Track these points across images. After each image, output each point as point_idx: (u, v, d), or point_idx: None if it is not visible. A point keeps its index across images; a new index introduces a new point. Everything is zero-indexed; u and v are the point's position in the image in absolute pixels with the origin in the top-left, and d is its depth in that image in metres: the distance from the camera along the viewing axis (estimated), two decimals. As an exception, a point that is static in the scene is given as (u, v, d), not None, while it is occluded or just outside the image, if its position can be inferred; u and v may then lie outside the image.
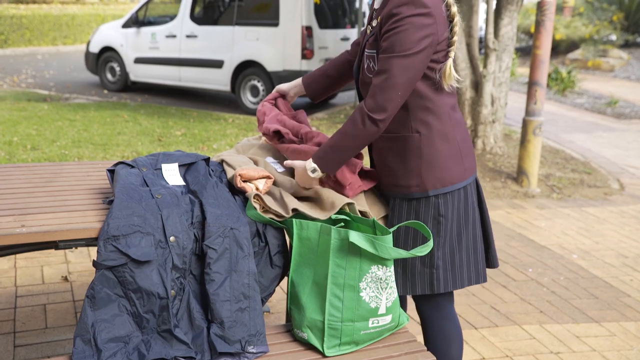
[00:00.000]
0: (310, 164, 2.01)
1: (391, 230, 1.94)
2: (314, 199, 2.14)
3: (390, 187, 2.11)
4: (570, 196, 5.54)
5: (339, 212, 2.07)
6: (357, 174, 2.16)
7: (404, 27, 1.84)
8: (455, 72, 1.98)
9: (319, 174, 2.01)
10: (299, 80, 2.40)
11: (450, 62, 1.97)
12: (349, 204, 2.08)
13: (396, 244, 2.09)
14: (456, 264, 2.09)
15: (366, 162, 5.16)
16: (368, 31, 2.04)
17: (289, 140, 2.30)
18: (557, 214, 5.05)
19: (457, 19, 1.94)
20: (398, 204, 2.10)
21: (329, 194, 2.10)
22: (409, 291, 2.09)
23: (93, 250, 3.72)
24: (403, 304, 2.28)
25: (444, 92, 2.00)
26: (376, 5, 2.03)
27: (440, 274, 2.06)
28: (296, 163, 2.08)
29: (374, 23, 1.99)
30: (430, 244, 1.91)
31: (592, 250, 4.32)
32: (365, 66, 2.02)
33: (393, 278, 1.98)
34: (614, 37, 15.73)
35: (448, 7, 1.93)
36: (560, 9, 17.14)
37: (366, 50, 2.01)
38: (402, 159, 2.04)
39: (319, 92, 2.38)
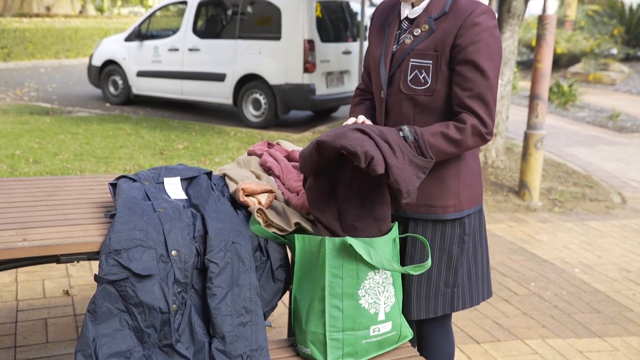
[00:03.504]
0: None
1: (391, 236, 1.93)
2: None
3: (421, 207, 2.00)
4: (572, 210, 5.53)
5: None
6: None
7: (488, 38, 1.86)
8: None
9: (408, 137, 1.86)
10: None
11: None
12: None
13: (410, 261, 2.06)
14: (473, 280, 2.08)
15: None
16: (408, 40, 1.94)
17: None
18: (559, 228, 5.04)
19: None
20: (422, 226, 2.02)
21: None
22: (431, 313, 2.06)
23: (94, 264, 3.71)
24: (410, 322, 2.24)
25: None
26: (410, 15, 1.96)
27: (460, 292, 2.06)
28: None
29: (417, 32, 1.93)
30: (427, 264, 1.90)
31: (595, 265, 4.30)
32: (411, 77, 1.92)
33: (390, 281, 1.97)
34: (614, 51, 15.77)
35: None
36: (561, 23, 17.20)
37: (413, 59, 1.92)
38: (440, 179, 1.97)
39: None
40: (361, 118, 1.98)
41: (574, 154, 7.76)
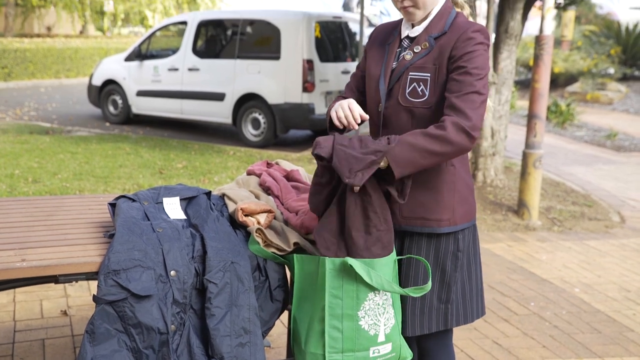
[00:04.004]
0: (383, 158, 1.85)
1: (392, 257, 1.94)
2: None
3: (414, 220, 2.02)
4: (571, 229, 5.53)
5: None
6: None
7: (480, 51, 1.93)
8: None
9: (384, 164, 1.86)
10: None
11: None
12: None
13: (409, 279, 2.06)
14: (467, 297, 2.09)
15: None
16: (408, 57, 2.00)
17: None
18: (558, 247, 5.03)
19: None
20: (416, 241, 2.05)
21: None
22: (425, 329, 2.06)
23: (93, 284, 3.70)
24: (410, 342, 2.23)
25: None
26: (411, 34, 2.04)
27: (454, 309, 2.06)
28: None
29: (417, 49, 2.00)
30: (427, 287, 1.91)
31: (594, 284, 4.29)
32: (410, 89, 1.98)
33: (390, 302, 1.97)
34: (612, 71, 15.86)
35: None
36: (558, 43, 17.32)
37: (412, 73, 1.98)
38: (436, 193, 2.00)
39: None
40: (351, 102, 2.02)
41: (572, 173, 7.77)
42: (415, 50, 2.00)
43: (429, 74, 1.95)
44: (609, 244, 5.18)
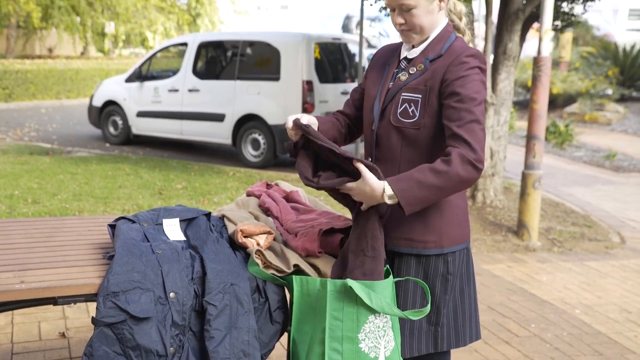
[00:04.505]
0: (388, 189, 1.85)
1: (391, 280, 1.93)
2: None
3: (401, 240, 2.04)
4: (571, 250, 5.52)
5: None
6: (340, 230, 2.16)
7: (474, 76, 1.92)
8: None
9: (394, 201, 1.86)
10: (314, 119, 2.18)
11: None
12: None
13: (401, 300, 2.06)
14: (459, 321, 2.08)
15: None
16: (403, 77, 2.03)
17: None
18: (558, 268, 5.02)
19: None
20: (406, 261, 2.05)
21: (325, 265, 2.09)
22: (415, 351, 2.05)
23: (91, 306, 3.68)
24: None
25: None
26: (410, 55, 2.06)
27: (445, 332, 2.05)
28: (368, 178, 1.86)
29: (412, 70, 2.02)
30: (426, 310, 1.90)
31: (595, 305, 4.28)
32: (401, 110, 1.99)
33: (390, 325, 1.96)
34: (610, 91, 15.94)
35: None
36: (556, 64, 17.43)
37: (404, 93, 1.99)
38: (423, 215, 1.99)
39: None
40: (303, 116, 2.07)
41: (571, 194, 7.77)
42: (410, 72, 2.02)
43: (420, 95, 1.97)
44: (609, 265, 5.17)
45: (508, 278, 4.70)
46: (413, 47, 2.06)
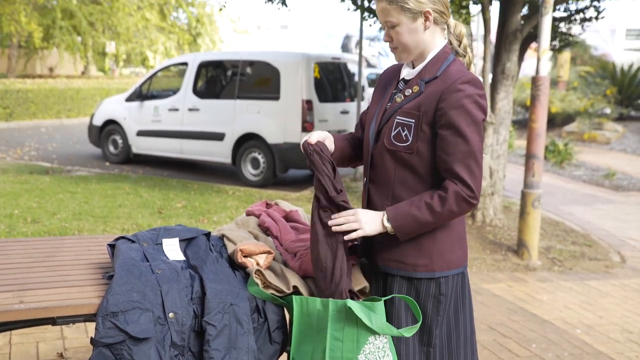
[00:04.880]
0: (385, 220, 1.96)
1: (382, 299, 1.93)
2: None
3: (392, 262, 2.03)
4: (571, 269, 5.51)
5: None
6: None
7: (470, 105, 1.91)
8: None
9: (389, 229, 1.97)
10: (331, 136, 2.17)
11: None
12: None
13: (391, 319, 2.05)
14: (453, 343, 2.05)
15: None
16: (398, 99, 2.03)
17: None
18: (559, 287, 5.00)
19: None
20: (398, 282, 2.04)
21: None
22: None
23: (90, 326, 3.66)
24: None
25: None
26: (407, 76, 2.06)
27: (437, 353, 2.03)
28: (370, 214, 1.99)
29: (408, 92, 2.01)
30: (417, 326, 1.90)
31: (596, 325, 4.26)
32: (394, 133, 1.98)
33: (390, 345, 1.95)
34: (608, 111, 16.01)
35: None
36: (554, 83, 17.52)
37: (398, 117, 1.99)
38: (415, 239, 1.99)
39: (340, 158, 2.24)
40: (314, 136, 2.05)
41: (571, 213, 7.77)
42: (406, 93, 2.02)
43: (414, 120, 1.96)
44: (609, 284, 5.15)
45: (508, 297, 4.69)
46: (414, 67, 2.06)
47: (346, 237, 1.97)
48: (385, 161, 2.02)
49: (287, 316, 2.13)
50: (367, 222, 1.96)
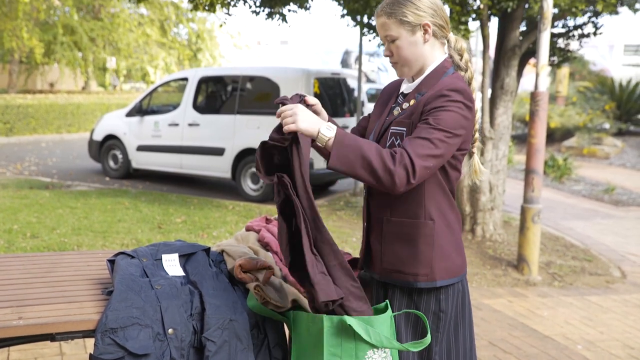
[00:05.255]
0: (325, 128, 1.85)
1: (389, 314, 1.92)
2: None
3: (393, 273, 2.02)
4: (572, 284, 5.49)
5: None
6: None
7: (452, 108, 1.89)
8: (482, 166, 2.10)
9: (322, 139, 1.84)
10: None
11: (476, 158, 2.08)
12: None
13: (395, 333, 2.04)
14: (453, 358, 2.05)
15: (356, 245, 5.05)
16: (396, 112, 2.05)
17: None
18: (559, 303, 4.98)
19: (478, 115, 2.04)
20: (398, 296, 2.03)
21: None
22: None
23: (89, 342, 3.64)
24: None
25: (454, 183, 2.04)
26: (405, 90, 2.08)
27: None
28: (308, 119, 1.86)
29: (405, 105, 2.03)
30: (426, 340, 1.88)
31: (597, 341, 4.24)
32: (389, 144, 2.00)
33: (393, 356, 1.94)
34: (607, 126, 16.05)
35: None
36: (553, 99, 17.58)
37: (393, 127, 2.01)
38: (413, 247, 1.98)
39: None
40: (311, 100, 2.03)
41: (571, 227, 7.76)
42: (403, 107, 2.04)
43: (405, 129, 1.97)
44: (610, 300, 5.14)
45: (509, 313, 4.67)
46: (413, 81, 2.08)
47: (284, 129, 1.85)
48: None
49: (287, 332, 2.12)
50: (303, 119, 1.84)
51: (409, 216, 1.99)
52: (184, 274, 2.16)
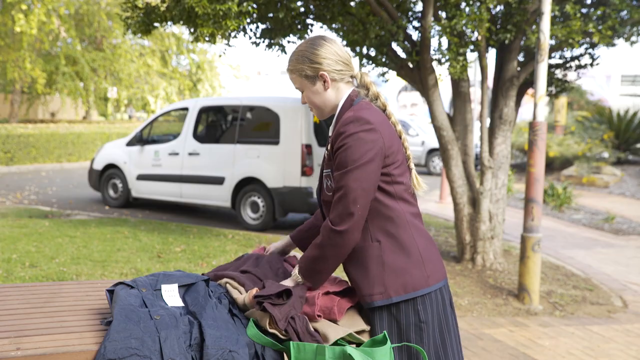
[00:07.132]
0: (297, 276, 2.12)
1: (389, 345, 1.92)
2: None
3: (362, 297, 2.12)
4: (573, 314, 5.46)
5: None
6: (337, 293, 2.16)
7: (351, 143, 2.01)
8: (420, 179, 2.20)
9: (298, 280, 2.13)
10: (287, 238, 2.54)
11: (414, 172, 2.18)
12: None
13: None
14: None
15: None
16: (325, 154, 2.19)
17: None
18: (561, 333, 4.95)
19: (404, 135, 2.16)
20: (378, 315, 2.08)
21: (324, 328, 2.07)
22: None
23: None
24: None
25: (403, 201, 2.10)
26: (330, 133, 2.20)
27: None
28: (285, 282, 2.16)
29: (329, 147, 2.15)
30: None
31: (600, 371, 4.20)
32: (324, 185, 2.15)
33: None
34: (606, 155, 16.11)
35: (394, 125, 2.15)
36: (552, 128, 17.68)
37: (324, 170, 2.16)
38: (364, 269, 2.08)
39: (309, 243, 2.43)
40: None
41: (572, 256, 7.74)
42: (328, 148, 2.17)
43: (330, 170, 2.11)
44: (612, 330, 5.10)
45: (510, 343, 4.63)
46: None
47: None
48: (329, 211, 2.15)
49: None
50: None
51: None
52: (183, 305, 2.15)
